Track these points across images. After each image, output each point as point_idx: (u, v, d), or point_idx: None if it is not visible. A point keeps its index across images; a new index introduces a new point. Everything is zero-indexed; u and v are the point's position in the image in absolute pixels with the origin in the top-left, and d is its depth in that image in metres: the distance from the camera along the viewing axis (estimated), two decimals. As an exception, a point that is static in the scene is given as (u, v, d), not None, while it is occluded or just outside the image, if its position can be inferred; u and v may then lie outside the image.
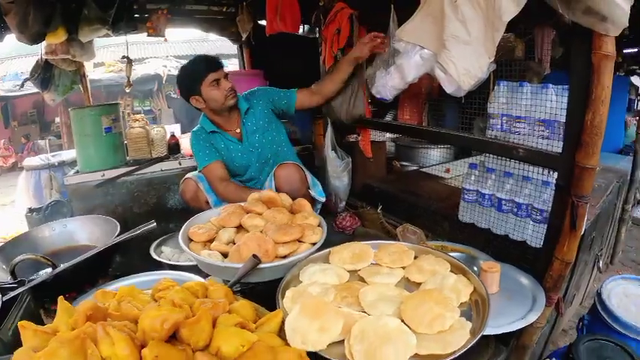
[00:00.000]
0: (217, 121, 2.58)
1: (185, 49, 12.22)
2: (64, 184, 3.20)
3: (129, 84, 3.95)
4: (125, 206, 3.20)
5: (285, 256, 1.69)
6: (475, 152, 3.09)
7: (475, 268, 1.64)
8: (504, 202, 1.90)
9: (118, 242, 1.94)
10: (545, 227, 1.73)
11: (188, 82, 2.45)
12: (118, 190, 3.16)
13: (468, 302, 1.38)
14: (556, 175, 1.65)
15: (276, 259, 1.66)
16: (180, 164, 3.38)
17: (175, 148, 3.54)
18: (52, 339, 0.99)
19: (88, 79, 4.03)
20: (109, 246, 1.92)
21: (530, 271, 1.77)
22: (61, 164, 4.82)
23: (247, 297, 1.44)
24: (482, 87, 1.89)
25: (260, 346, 1.03)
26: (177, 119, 9.86)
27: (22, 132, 10.58)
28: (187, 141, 2.93)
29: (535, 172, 1.79)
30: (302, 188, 2.41)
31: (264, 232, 1.77)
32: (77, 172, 3.18)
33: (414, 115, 3.43)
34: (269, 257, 1.63)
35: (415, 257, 1.64)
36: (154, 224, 1.93)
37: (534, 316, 1.53)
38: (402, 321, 1.22)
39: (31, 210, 3.11)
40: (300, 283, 1.52)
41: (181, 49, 12.12)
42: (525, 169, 1.83)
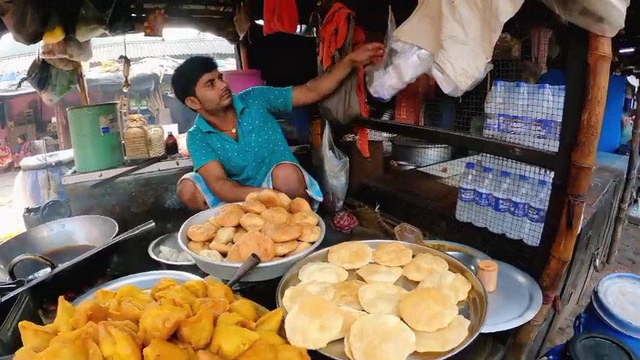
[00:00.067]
0: (213, 122, 2.57)
1: (182, 48, 12.17)
2: (62, 184, 3.20)
3: (127, 84, 3.94)
4: (123, 206, 3.18)
5: (284, 255, 1.69)
6: (472, 152, 3.11)
7: (472, 267, 1.65)
8: (501, 201, 1.92)
9: (116, 242, 1.94)
10: (542, 226, 1.74)
11: (183, 83, 2.45)
12: (115, 190, 3.15)
13: (465, 300, 1.39)
14: (552, 174, 1.66)
15: (275, 259, 1.67)
16: (177, 164, 3.36)
17: (173, 147, 3.53)
18: (53, 339, 0.99)
19: (85, 78, 4.02)
20: (107, 246, 1.91)
21: (527, 270, 1.77)
22: (58, 164, 4.80)
23: (247, 296, 1.44)
24: (480, 87, 1.90)
25: (261, 345, 1.04)
26: (174, 119, 9.81)
27: (18, 132, 10.52)
28: (185, 141, 2.92)
29: (532, 171, 1.80)
30: (300, 188, 2.42)
31: (263, 231, 1.78)
32: (75, 172, 3.16)
33: (411, 114, 3.45)
34: (268, 256, 1.63)
35: (413, 256, 1.65)
36: (153, 224, 1.93)
37: (531, 314, 1.53)
38: (401, 319, 1.23)
39: (29, 210, 3.11)
40: (299, 282, 1.53)
41: (178, 49, 12.06)
42: (522, 169, 1.85)
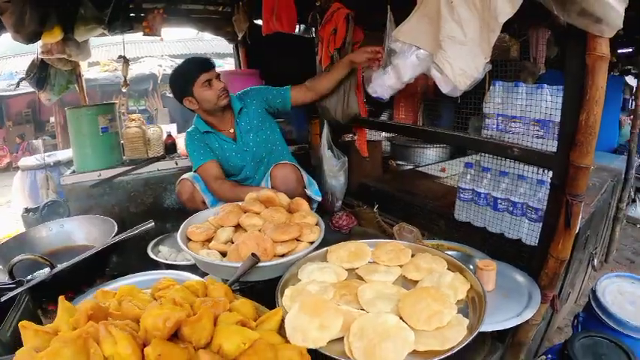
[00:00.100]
0: (211, 122, 2.58)
1: (180, 48, 12.16)
2: (61, 184, 3.19)
3: (125, 84, 3.93)
4: (122, 206, 3.18)
5: (283, 255, 1.69)
6: (471, 151, 3.11)
7: (471, 267, 1.65)
8: (500, 200, 1.92)
9: (115, 242, 1.94)
10: (540, 226, 1.75)
11: (180, 83, 2.45)
12: (114, 190, 3.15)
13: (464, 300, 1.39)
14: (551, 174, 1.66)
15: (274, 258, 1.67)
16: (176, 164, 3.37)
17: (172, 147, 3.53)
18: (54, 339, 0.99)
19: (84, 78, 4.01)
20: (106, 246, 1.91)
21: (525, 269, 1.78)
22: (56, 164, 4.78)
23: (246, 295, 1.45)
24: (478, 87, 1.90)
25: (261, 344, 1.04)
26: (172, 119, 9.80)
27: (16, 132, 10.47)
28: (183, 141, 2.92)
29: (530, 171, 1.81)
30: (298, 188, 2.42)
31: (263, 231, 1.78)
32: (73, 172, 3.16)
33: (409, 114, 3.46)
34: (268, 256, 1.63)
35: (412, 255, 1.65)
36: (152, 224, 1.93)
37: (530, 313, 1.54)
38: (401, 318, 1.23)
39: (28, 210, 3.10)
40: (298, 281, 1.52)
41: (176, 49, 12.05)
42: (520, 169, 1.85)
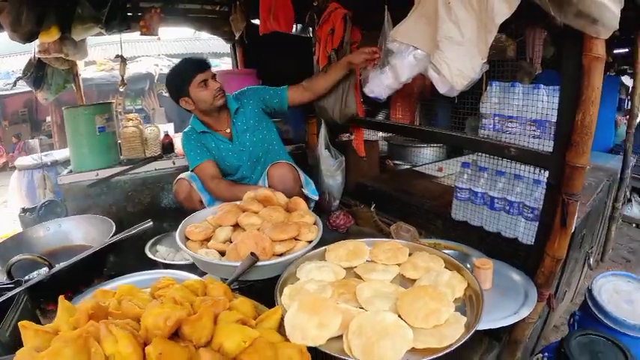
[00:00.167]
0: (207, 122, 2.59)
1: (177, 47, 12.12)
2: (58, 183, 3.19)
3: (123, 83, 3.92)
4: (119, 206, 3.18)
5: (281, 254, 1.70)
6: (467, 151, 3.12)
7: (468, 265, 1.66)
8: (496, 200, 1.93)
9: (113, 242, 1.94)
10: (537, 225, 1.76)
11: (176, 84, 2.46)
12: (112, 189, 3.15)
13: (462, 298, 1.40)
14: (547, 173, 1.67)
15: (273, 257, 1.67)
16: (174, 163, 3.37)
17: (169, 147, 3.53)
18: (54, 338, 1.00)
19: (81, 77, 4.00)
20: (105, 246, 1.91)
21: (522, 268, 1.79)
22: (53, 164, 4.77)
23: (245, 294, 1.45)
24: (475, 87, 1.91)
25: (261, 342, 1.05)
26: (169, 118, 9.77)
27: (12, 131, 10.40)
28: (180, 140, 2.93)
29: (526, 170, 1.82)
30: (295, 187, 2.43)
31: (261, 230, 1.78)
32: (71, 171, 3.16)
33: (406, 114, 3.46)
34: (266, 255, 1.64)
35: (410, 254, 1.65)
36: (151, 223, 1.93)
37: (526, 311, 1.55)
38: (399, 316, 1.24)
39: (25, 210, 3.10)
40: (297, 280, 1.53)
41: (173, 48, 12.01)
42: (517, 168, 1.86)
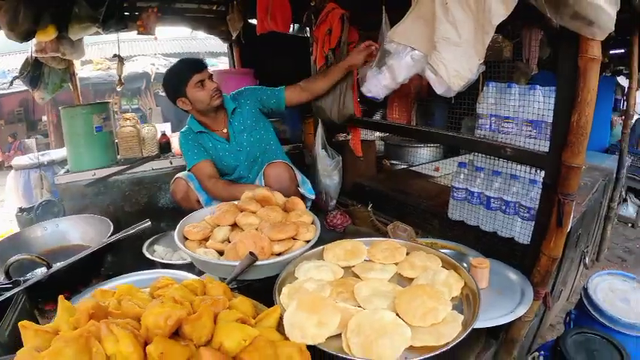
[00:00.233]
0: (204, 122, 2.59)
1: (174, 46, 12.10)
2: (55, 183, 3.18)
3: (120, 83, 3.92)
4: (116, 205, 3.18)
5: (280, 254, 1.70)
6: (464, 151, 3.14)
7: (465, 264, 1.67)
8: (493, 200, 1.94)
9: (111, 242, 1.94)
10: (533, 224, 1.77)
11: (173, 84, 2.47)
12: (109, 189, 3.15)
13: (459, 296, 1.41)
14: (543, 173, 1.69)
15: (271, 257, 1.68)
16: (171, 163, 3.37)
17: (166, 147, 3.52)
18: (55, 338, 1.00)
19: (77, 77, 4.00)
20: (103, 245, 1.91)
21: (518, 267, 1.80)
22: (50, 163, 4.76)
23: (244, 294, 1.45)
24: (472, 87, 1.91)
25: (261, 341, 1.05)
26: (165, 118, 9.75)
27: (8, 131, 10.34)
28: (177, 140, 2.93)
29: (523, 170, 1.83)
30: (292, 186, 2.44)
31: (259, 229, 1.78)
32: (68, 171, 3.15)
33: (402, 114, 3.46)
34: (265, 255, 1.64)
35: (407, 254, 1.66)
36: (149, 223, 1.94)
37: (523, 310, 1.57)
38: (397, 315, 1.25)
39: (22, 210, 3.08)
40: (295, 279, 1.54)
41: (170, 47, 11.99)
42: (513, 168, 1.88)
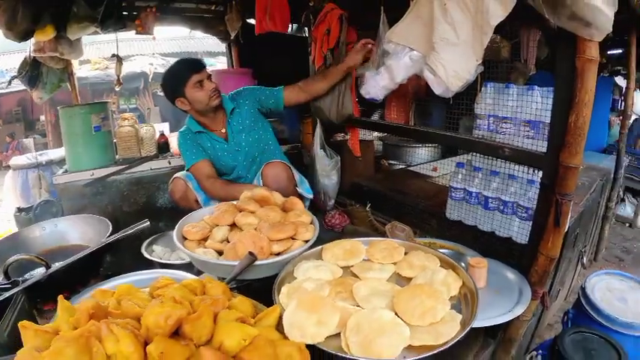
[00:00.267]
0: (203, 122, 2.60)
1: (172, 46, 12.11)
2: (53, 183, 3.18)
3: (119, 82, 3.92)
4: (115, 205, 3.18)
5: (279, 254, 1.70)
6: (462, 151, 3.14)
7: (463, 264, 1.68)
8: (491, 199, 1.95)
9: (110, 242, 1.94)
10: (531, 224, 1.78)
11: (172, 84, 2.47)
12: (107, 189, 3.15)
13: (457, 296, 1.42)
14: (541, 173, 1.70)
15: (270, 257, 1.68)
16: (169, 163, 3.37)
17: (165, 147, 3.53)
18: (55, 338, 1.00)
19: (75, 77, 3.99)
20: (102, 245, 1.91)
21: (516, 267, 1.81)
22: (48, 163, 4.74)
23: (243, 293, 1.45)
24: (470, 87, 1.91)
25: (261, 340, 1.06)
26: (163, 118, 9.74)
27: (6, 130, 10.28)
28: (176, 140, 2.93)
29: (520, 171, 1.84)
30: (289, 186, 2.45)
31: (258, 229, 1.78)
32: (66, 171, 3.15)
33: (401, 114, 3.47)
34: (264, 254, 1.64)
35: (405, 253, 1.67)
36: (147, 223, 1.94)
37: (521, 309, 1.57)
38: (396, 314, 1.25)
39: (20, 210, 3.08)
40: (294, 279, 1.54)
41: (168, 47, 12.00)
42: (511, 168, 1.88)
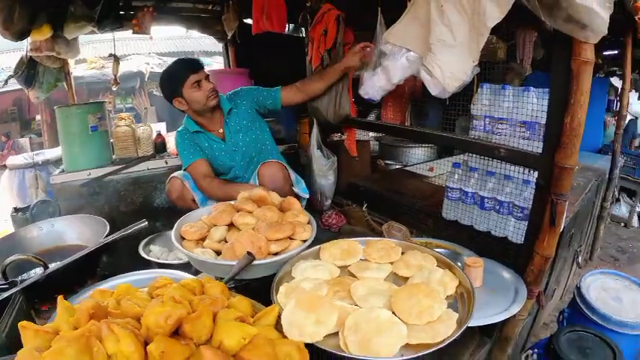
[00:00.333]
0: (200, 122, 2.61)
1: (168, 46, 12.07)
2: (50, 183, 3.17)
3: (116, 82, 3.91)
4: (112, 205, 3.18)
5: (276, 253, 1.71)
6: (458, 151, 3.16)
7: (459, 264, 1.69)
8: (487, 199, 1.96)
9: (108, 242, 1.94)
10: (526, 224, 1.79)
11: (170, 84, 2.48)
12: (104, 189, 3.15)
13: (453, 295, 1.43)
14: (536, 174, 1.71)
15: (268, 256, 1.68)
16: (166, 163, 3.38)
17: (161, 146, 3.53)
18: (56, 338, 1.00)
19: (72, 76, 3.98)
20: (100, 246, 1.91)
21: (512, 266, 1.82)
22: (45, 163, 4.71)
23: (241, 293, 1.46)
24: (466, 88, 1.93)
25: (260, 339, 1.06)
26: (159, 117, 9.71)
27: (2, 130, 10.19)
28: (173, 139, 2.94)
29: (516, 171, 1.85)
30: (285, 186, 2.46)
31: (256, 229, 1.79)
32: (63, 171, 3.15)
33: (397, 114, 3.48)
34: (262, 254, 1.65)
35: (402, 253, 1.68)
36: (146, 223, 1.94)
37: (516, 308, 1.58)
38: (393, 313, 1.26)
39: (17, 209, 3.07)
40: (292, 279, 1.55)
41: (164, 46, 11.96)
42: (507, 169, 1.89)
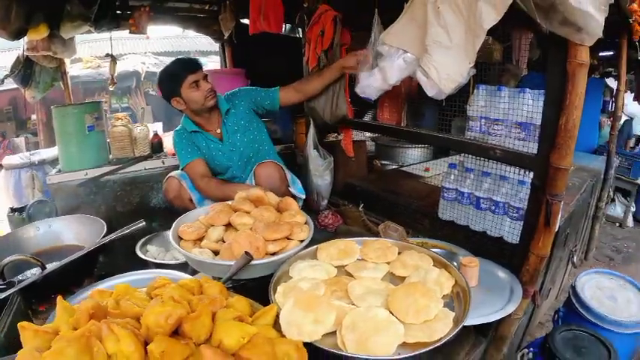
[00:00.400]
0: (198, 122, 2.61)
1: (164, 45, 12.03)
2: (47, 183, 3.16)
3: (113, 82, 3.91)
4: (109, 205, 3.17)
5: (274, 253, 1.72)
6: (454, 152, 3.17)
7: (455, 263, 1.70)
8: (482, 200, 1.98)
9: (105, 242, 1.94)
10: (522, 224, 1.81)
11: (168, 84, 2.49)
12: (101, 189, 3.13)
13: (450, 294, 1.45)
14: (531, 174, 1.72)
15: (266, 256, 1.69)
16: (163, 163, 3.36)
17: (158, 146, 3.51)
18: (56, 338, 1.01)
19: (68, 75, 3.98)
20: (97, 246, 1.92)
21: (507, 266, 1.83)
22: (41, 163, 4.67)
23: (239, 293, 1.46)
24: (462, 89, 1.93)
25: (259, 338, 1.07)
26: (155, 117, 9.69)
27: (-3, 129, 10.24)
28: (170, 139, 2.94)
29: (512, 172, 1.86)
30: (282, 186, 2.47)
31: (254, 229, 1.80)
32: (59, 171, 3.13)
33: (393, 114, 3.48)
34: (260, 254, 1.66)
35: (399, 253, 1.69)
36: (143, 223, 1.95)
37: (512, 308, 1.60)
38: (390, 312, 1.28)
39: (14, 210, 3.06)
40: (290, 278, 1.56)
41: (160, 46, 11.92)
42: (502, 169, 1.90)
